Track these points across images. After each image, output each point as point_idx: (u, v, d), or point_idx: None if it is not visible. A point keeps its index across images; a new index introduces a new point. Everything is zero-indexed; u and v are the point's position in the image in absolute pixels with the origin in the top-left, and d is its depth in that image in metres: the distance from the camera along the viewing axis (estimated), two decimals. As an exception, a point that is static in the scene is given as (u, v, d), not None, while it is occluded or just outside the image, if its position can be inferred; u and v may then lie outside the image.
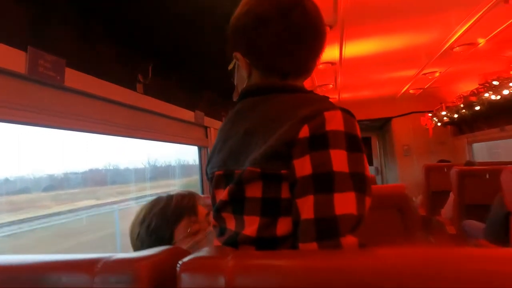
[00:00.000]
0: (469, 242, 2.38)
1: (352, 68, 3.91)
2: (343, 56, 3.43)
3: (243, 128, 0.67)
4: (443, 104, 4.66)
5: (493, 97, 3.11)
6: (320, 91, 4.96)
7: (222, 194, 0.67)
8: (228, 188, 0.65)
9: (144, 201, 1.00)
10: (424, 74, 4.15)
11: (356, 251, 0.52)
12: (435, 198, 3.61)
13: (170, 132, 1.96)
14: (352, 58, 3.53)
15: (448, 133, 5.37)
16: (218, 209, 0.68)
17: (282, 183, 0.59)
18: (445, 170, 3.07)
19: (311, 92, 0.70)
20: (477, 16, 2.48)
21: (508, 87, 2.86)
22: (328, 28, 2.78)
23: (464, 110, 3.91)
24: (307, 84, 3.39)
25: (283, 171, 0.58)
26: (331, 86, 4.67)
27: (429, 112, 5.15)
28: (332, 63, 3.67)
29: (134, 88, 1.54)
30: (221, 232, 0.67)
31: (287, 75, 0.70)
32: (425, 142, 5.53)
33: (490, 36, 2.79)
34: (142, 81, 1.59)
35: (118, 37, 1.40)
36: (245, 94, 0.72)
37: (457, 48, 3.09)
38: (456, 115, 4.22)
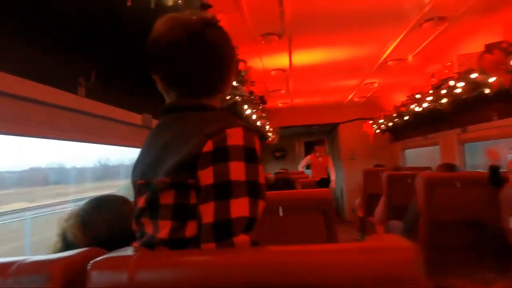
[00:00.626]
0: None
1: (302, 75, 4.11)
2: (292, 64, 3.60)
3: (162, 141, 0.75)
4: (382, 113, 5.04)
5: (417, 108, 3.45)
6: (273, 96, 5.11)
7: (141, 202, 0.75)
8: (145, 196, 0.73)
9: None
10: (365, 84, 4.48)
11: (245, 249, 0.62)
12: (371, 200, 3.92)
13: (116, 135, 1.97)
14: (301, 66, 3.72)
15: (386, 139, 5.80)
16: (138, 215, 0.76)
17: (190, 190, 0.67)
18: (380, 174, 3.35)
19: (219, 110, 0.79)
20: (403, 33, 2.77)
21: (426, 101, 3.20)
22: (277, 38, 2.93)
23: (397, 119, 4.27)
24: (260, 88, 3.52)
25: (190, 181, 0.66)
26: (283, 91, 4.85)
27: (371, 119, 5.52)
28: (283, 70, 3.84)
29: (75, 92, 1.55)
30: (141, 236, 0.75)
31: (200, 95, 0.78)
32: (368, 147, 5.92)
33: (415, 52, 3.10)
34: (84, 84, 1.60)
35: (58, 41, 1.41)
36: (166, 111, 0.80)
37: (390, 62, 3.40)
38: (391, 124, 4.60)
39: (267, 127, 4.68)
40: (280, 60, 3.50)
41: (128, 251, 0.60)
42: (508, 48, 2.02)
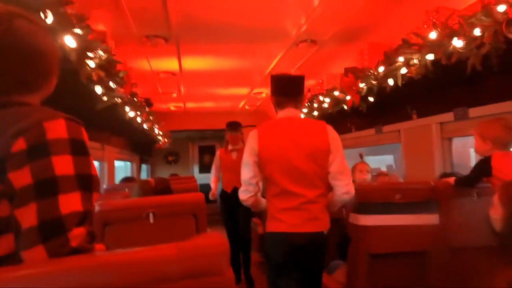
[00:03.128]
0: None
1: (194, 80, 4.12)
2: (183, 68, 3.59)
3: None
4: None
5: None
6: (164, 99, 4.99)
7: None
8: None
9: None
10: (254, 93, 4.77)
11: (39, 262, 0.56)
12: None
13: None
14: (192, 71, 3.74)
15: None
16: None
17: None
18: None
19: (32, 105, 0.69)
20: (284, 50, 3.06)
21: (303, 113, 3.59)
22: (163, 41, 2.88)
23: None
24: (150, 90, 3.33)
25: None
26: (174, 95, 4.78)
27: (259, 127, 5.87)
28: (173, 74, 3.78)
29: None
30: None
31: (10, 92, 0.69)
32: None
33: (295, 67, 3.46)
34: None
35: None
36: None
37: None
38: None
39: (156, 130, 4.54)
40: (170, 64, 3.45)
41: None
42: (358, 73, 2.43)
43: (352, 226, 1.79)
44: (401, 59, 2.01)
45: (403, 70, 2.00)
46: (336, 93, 2.88)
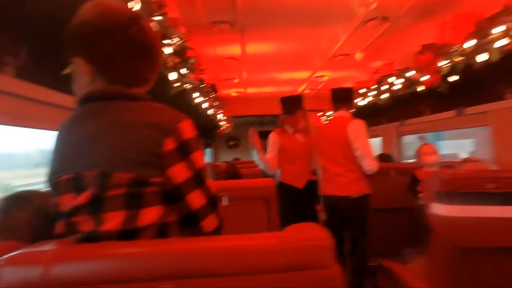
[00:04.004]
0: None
1: (255, 65, 4.12)
2: (245, 53, 3.60)
3: (87, 132, 0.70)
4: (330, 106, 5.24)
5: (361, 102, 3.65)
6: (226, 85, 5.08)
7: (77, 199, 0.68)
8: (87, 192, 0.67)
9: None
10: (316, 77, 4.62)
11: (164, 241, 0.64)
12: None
13: (49, 119, 1.84)
14: (254, 55, 3.73)
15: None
16: (70, 215, 0.69)
17: (150, 187, 0.68)
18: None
19: (151, 100, 0.78)
20: (351, 30, 2.89)
21: (369, 96, 3.40)
22: (229, 26, 2.89)
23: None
24: (212, 77, 3.42)
25: (155, 179, 0.68)
26: (236, 80, 4.84)
27: (321, 111, 5.72)
28: (236, 59, 3.82)
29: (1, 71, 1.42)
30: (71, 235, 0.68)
31: (129, 84, 0.76)
32: (317, 139, 6.12)
33: (362, 48, 3.26)
34: (12, 63, 1.47)
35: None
36: (87, 99, 0.74)
37: (339, 56, 3.54)
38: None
39: (220, 115, 4.64)
40: (233, 49, 3.47)
41: (46, 245, 0.57)
42: (438, 50, 2.19)
43: (435, 216, 1.65)
44: (499, 29, 1.75)
45: (501, 42, 1.75)
46: (410, 73, 2.65)
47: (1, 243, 0.60)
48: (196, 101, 2.88)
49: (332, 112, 2.56)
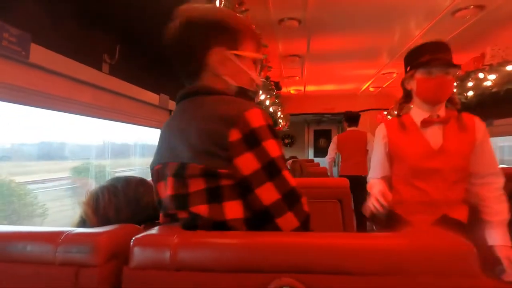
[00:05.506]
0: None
1: (318, 62, 4.05)
2: (310, 50, 3.55)
3: (179, 127, 0.75)
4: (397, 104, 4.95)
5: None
6: (287, 82, 5.06)
7: (162, 187, 0.76)
8: (167, 181, 0.73)
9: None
10: (383, 74, 4.41)
11: (282, 233, 0.64)
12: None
13: (134, 113, 1.98)
14: (319, 52, 3.66)
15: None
16: (166, 208, 0.75)
17: (221, 178, 0.67)
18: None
19: (224, 93, 0.79)
20: (431, 24, 2.70)
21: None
22: (297, 23, 2.88)
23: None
24: (276, 74, 3.41)
25: (222, 170, 0.67)
26: (297, 78, 4.80)
27: (385, 110, 5.45)
28: (299, 56, 3.79)
29: (99, 68, 1.55)
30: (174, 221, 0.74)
31: (192, 77, 0.82)
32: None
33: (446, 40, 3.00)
34: (108, 61, 1.60)
35: (85, 16, 1.40)
36: (181, 97, 0.81)
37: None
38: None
39: (279, 113, 4.65)
40: (298, 46, 3.44)
41: (166, 230, 0.61)
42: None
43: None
44: None
45: None
46: (510, 67, 2.36)
47: (126, 225, 0.65)
48: (260, 98, 2.91)
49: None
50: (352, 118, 4.02)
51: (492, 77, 2.50)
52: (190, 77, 0.81)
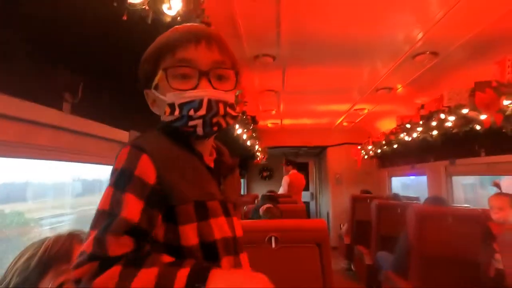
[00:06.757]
0: (380, 272, 2.59)
1: (294, 97, 4.11)
2: (285, 85, 3.59)
3: None
4: (370, 139, 5.06)
5: (406, 138, 3.47)
6: (264, 116, 5.08)
7: None
8: None
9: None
10: (355, 109, 4.51)
11: None
12: (359, 227, 3.85)
13: (101, 153, 1.86)
14: (294, 88, 3.71)
15: (373, 165, 5.79)
16: None
17: None
18: (368, 201, 3.30)
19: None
20: (395, 65, 2.81)
21: (417, 131, 3.22)
22: (271, 59, 2.91)
23: (385, 147, 4.27)
24: (252, 108, 3.42)
25: None
26: (273, 112, 4.83)
27: (359, 144, 5.54)
28: (275, 91, 3.82)
29: (59, 107, 1.45)
30: None
31: None
32: (354, 172, 5.87)
33: (406, 82, 3.14)
34: (69, 100, 1.51)
35: (42, 54, 1.32)
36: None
37: (381, 90, 3.43)
38: (379, 150, 4.60)
39: (257, 146, 4.62)
40: (273, 81, 3.49)
41: None
42: (500, 88, 2.05)
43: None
44: None
45: None
46: (465, 110, 2.48)
47: None
48: (237, 132, 2.87)
49: None
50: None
51: (452, 118, 2.60)
52: None
